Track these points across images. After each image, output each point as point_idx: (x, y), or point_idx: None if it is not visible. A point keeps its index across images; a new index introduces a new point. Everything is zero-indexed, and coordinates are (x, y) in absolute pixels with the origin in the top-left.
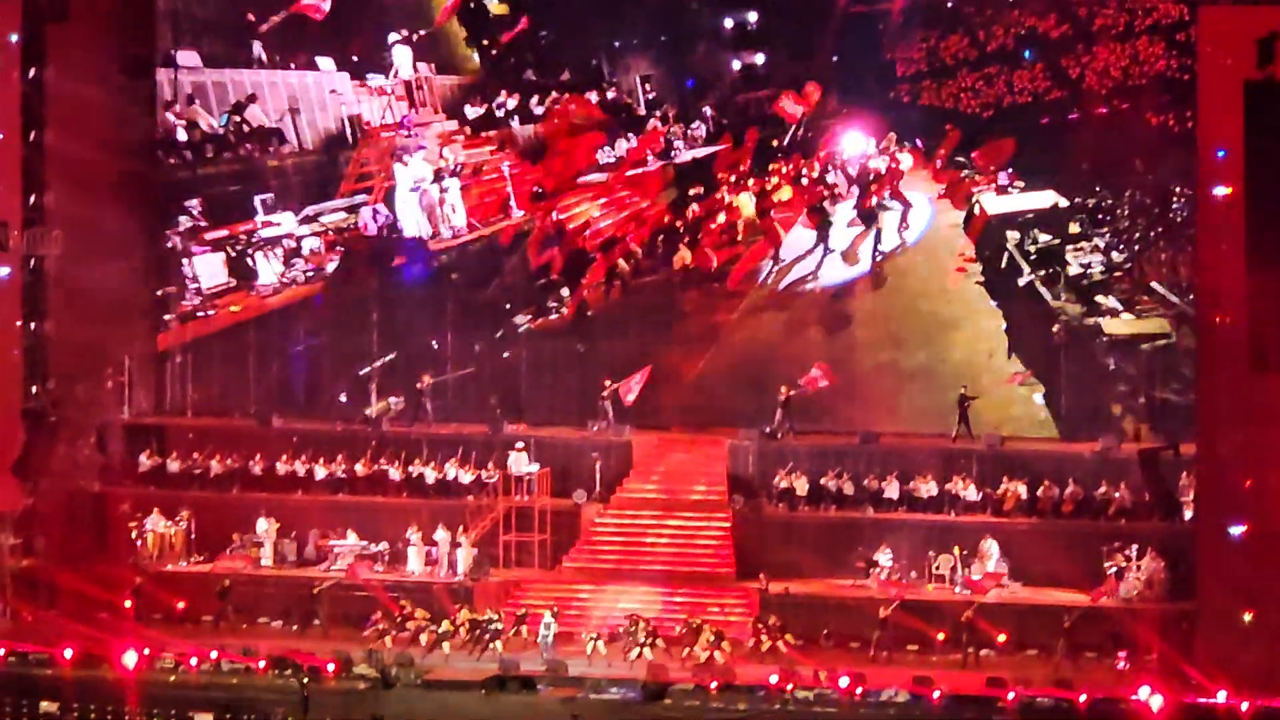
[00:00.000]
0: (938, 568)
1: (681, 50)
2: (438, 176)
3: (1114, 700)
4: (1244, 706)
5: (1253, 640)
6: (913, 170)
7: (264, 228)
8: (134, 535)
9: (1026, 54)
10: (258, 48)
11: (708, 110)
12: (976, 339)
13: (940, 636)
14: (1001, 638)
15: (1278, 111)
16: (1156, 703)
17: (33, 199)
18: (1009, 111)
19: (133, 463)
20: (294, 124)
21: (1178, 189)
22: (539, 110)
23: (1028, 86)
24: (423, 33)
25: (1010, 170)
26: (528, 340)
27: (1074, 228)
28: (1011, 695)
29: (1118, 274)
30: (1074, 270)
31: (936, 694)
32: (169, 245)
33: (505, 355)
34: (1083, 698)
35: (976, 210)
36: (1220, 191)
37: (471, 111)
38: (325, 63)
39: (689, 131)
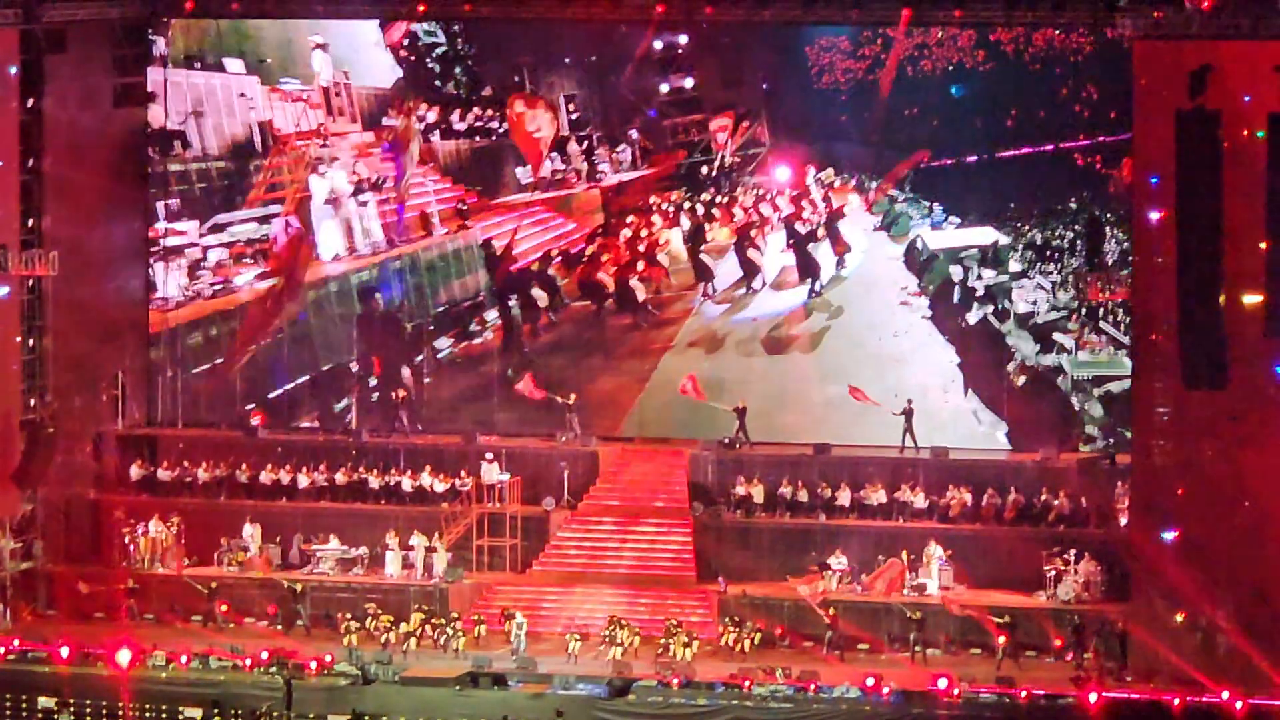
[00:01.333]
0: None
1: (608, 71)
2: (358, 190)
3: (1053, 696)
4: (1175, 702)
5: (1183, 640)
6: (845, 200)
7: (166, 235)
8: (127, 540)
9: (954, 90)
10: (160, 45)
11: (634, 134)
12: (928, 374)
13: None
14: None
15: (1207, 139)
16: (1092, 698)
17: (31, 222)
18: (941, 142)
19: (126, 471)
20: (198, 128)
21: (1111, 226)
22: (460, 126)
23: (956, 120)
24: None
25: (944, 206)
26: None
27: (1014, 265)
28: (956, 691)
29: (1065, 312)
30: (1022, 308)
31: (886, 690)
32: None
33: (427, 380)
34: (1023, 694)
35: (919, 245)
36: (1154, 215)
37: (390, 123)
38: (234, 64)
39: (615, 154)
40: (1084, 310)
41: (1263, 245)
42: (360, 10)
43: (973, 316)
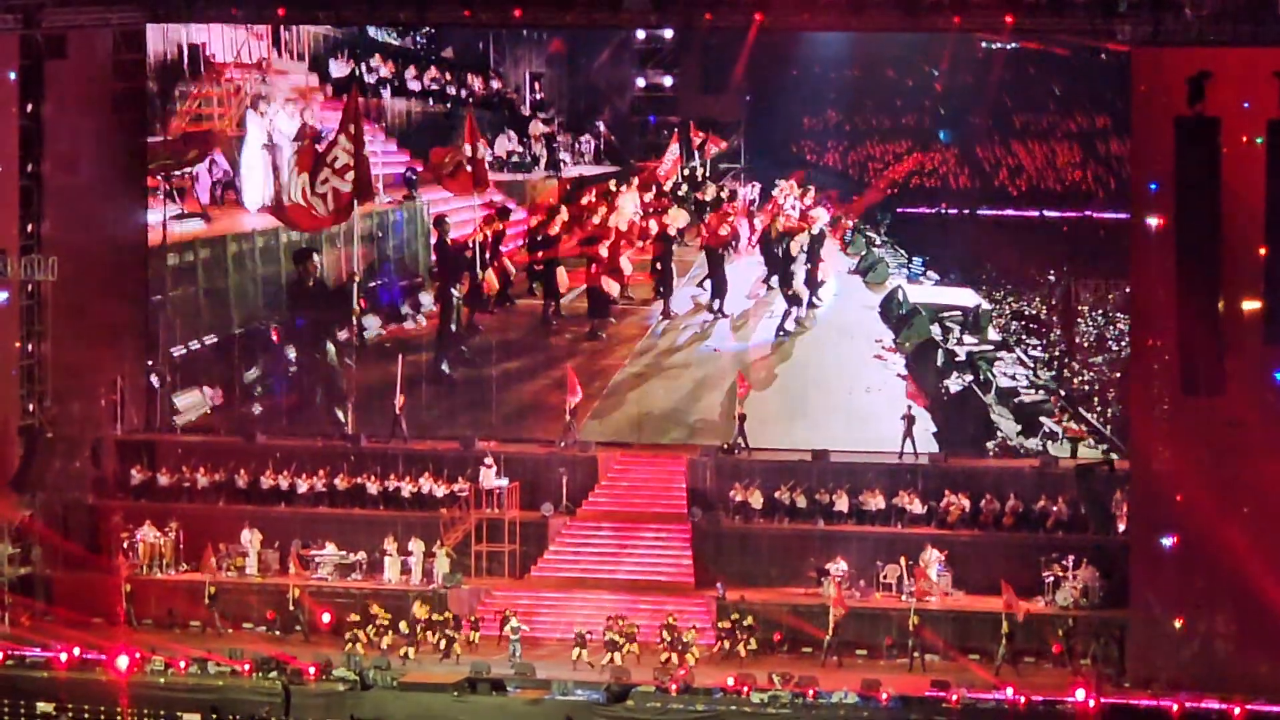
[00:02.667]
0: (885, 577)
1: (581, 54)
2: (300, 136)
3: (1051, 702)
4: (1174, 708)
5: (1181, 645)
6: (818, 220)
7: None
8: (125, 545)
9: (942, 135)
10: None
11: (600, 125)
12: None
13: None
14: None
15: (1206, 146)
16: (1091, 704)
17: (30, 227)
18: (915, 192)
19: (124, 477)
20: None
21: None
22: (414, 85)
23: (939, 169)
24: None
25: (923, 260)
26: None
27: (993, 333)
28: (955, 697)
29: (1046, 395)
30: (1004, 382)
31: (884, 696)
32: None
33: (348, 362)
34: (1022, 699)
35: (899, 296)
36: (1152, 222)
37: (337, 69)
38: None
39: (578, 145)
40: (1064, 395)
41: (1262, 251)
42: (359, 15)
43: (954, 384)
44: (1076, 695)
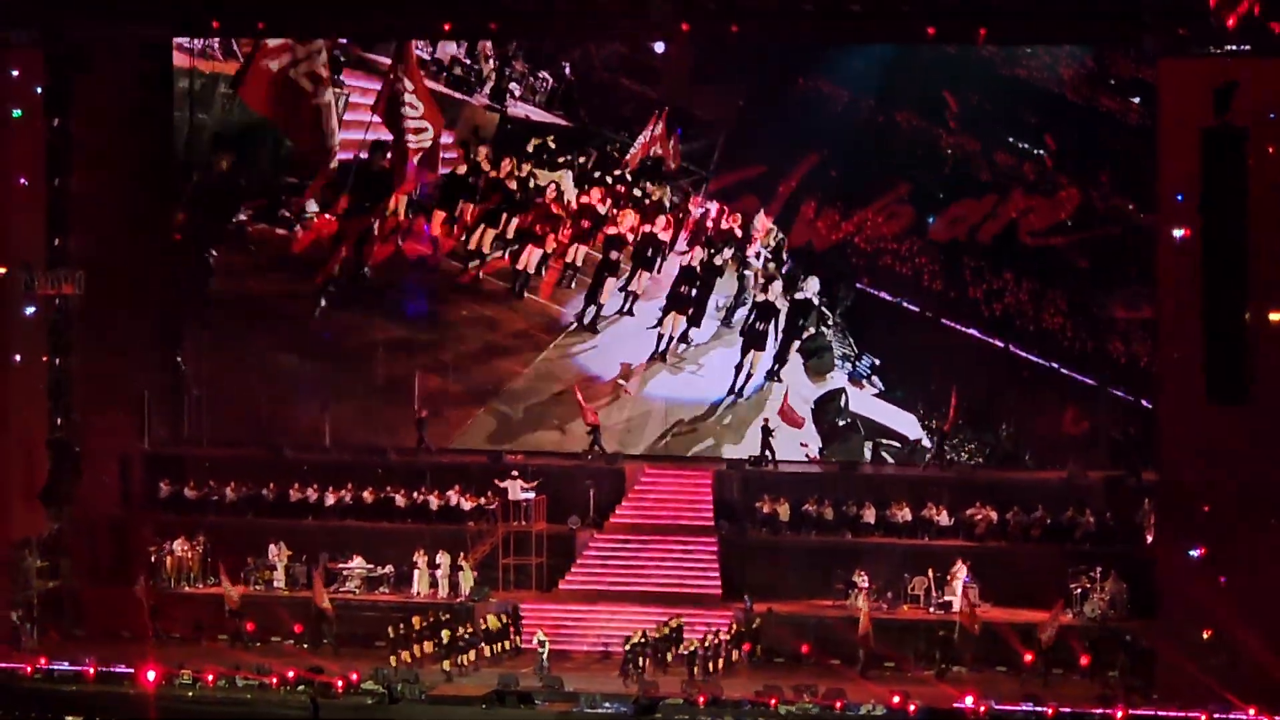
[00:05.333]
0: (913, 589)
1: None
2: None
3: (1079, 713)
4: (1201, 719)
5: (1209, 656)
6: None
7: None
8: (153, 559)
9: (930, 220)
10: None
11: (566, 69)
12: None
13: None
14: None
15: (1233, 156)
16: (1119, 715)
17: (57, 241)
18: (882, 272)
19: (152, 490)
20: None
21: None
22: None
23: (916, 258)
24: None
25: (869, 363)
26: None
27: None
28: (983, 709)
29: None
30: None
31: (912, 708)
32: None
33: (213, 254)
34: (1049, 711)
35: (841, 402)
36: (1178, 233)
37: None
38: None
39: (533, 80)
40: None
41: None
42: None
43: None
44: (1105, 707)
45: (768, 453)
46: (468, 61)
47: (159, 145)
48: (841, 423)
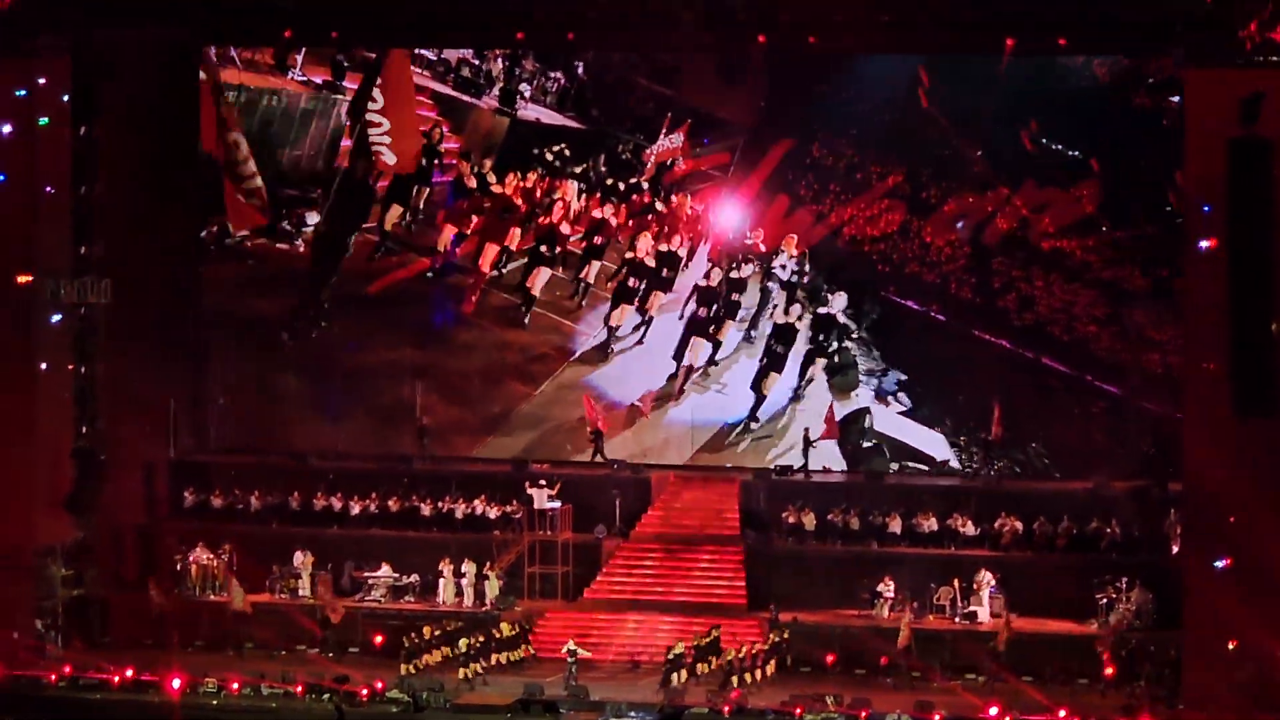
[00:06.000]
0: (938, 599)
1: None
2: None
3: None
4: None
5: (1236, 667)
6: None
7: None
8: (179, 567)
9: (959, 225)
10: None
11: (579, 67)
12: None
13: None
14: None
15: (1259, 167)
16: None
17: (83, 249)
18: (909, 281)
19: (177, 499)
20: None
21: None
22: None
23: (944, 264)
24: None
25: (897, 379)
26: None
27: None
28: (1008, 719)
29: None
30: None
31: (937, 718)
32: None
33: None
34: None
35: (866, 423)
36: (1205, 244)
37: None
38: None
39: (544, 80)
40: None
41: None
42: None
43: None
44: (1130, 718)
45: (805, 461)
46: (476, 62)
47: (184, 153)
48: (867, 444)
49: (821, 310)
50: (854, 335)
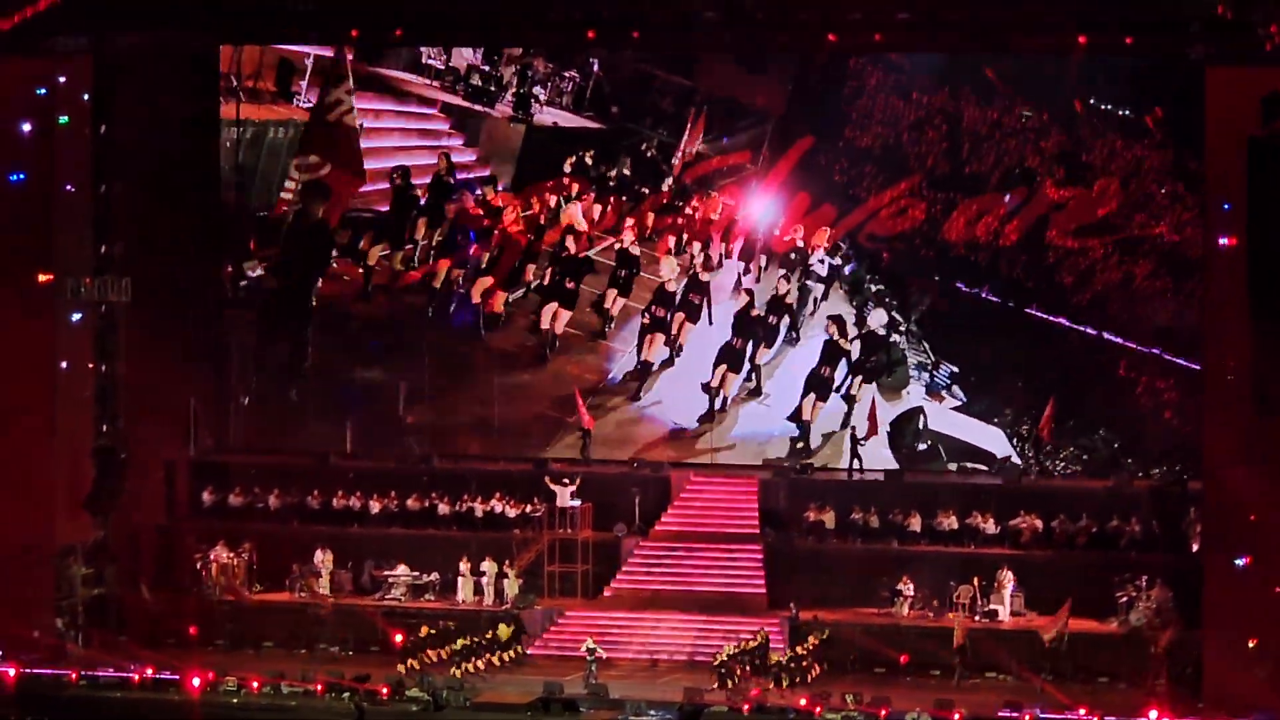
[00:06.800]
0: (958, 598)
1: None
2: None
3: None
4: None
5: (1256, 666)
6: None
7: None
8: (199, 566)
9: (1007, 199)
10: None
11: (594, 65)
12: None
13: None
14: None
15: (1278, 166)
16: None
17: (103, 248)
18: (956, 263)
19: (197, 498)
20: None
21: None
22: None
23: (994, 242)
24: None
25: (948, 371)
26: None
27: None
28: (1028, 717)
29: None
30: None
31: (957, 716)
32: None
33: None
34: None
35: (919, 423)
36: (1224, 242)
37: None
38: None
39: (557, 81)
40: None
41: None
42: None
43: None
44: (1150, 717)
45: (856, 462)
46: (486, 68)
47: (204, 153)
48: (921, 446)
49: (867, 327)
50: (902, 329)
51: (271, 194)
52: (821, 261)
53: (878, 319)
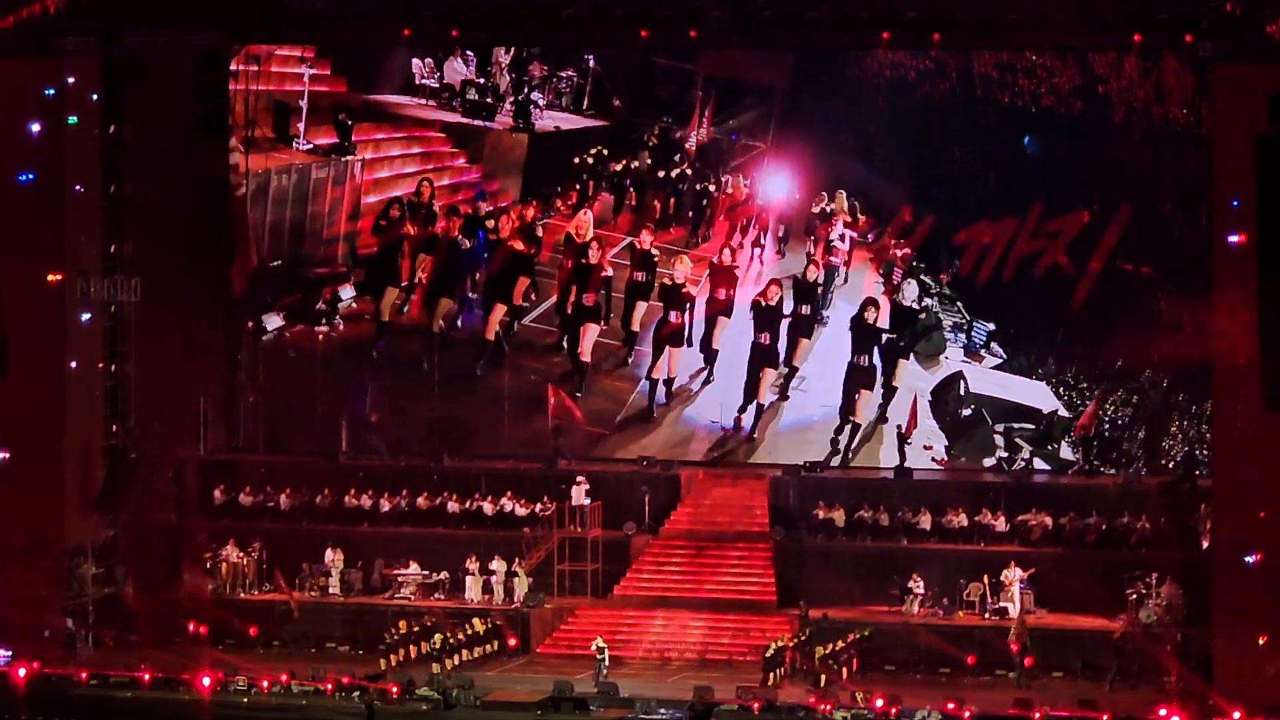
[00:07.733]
0: (968, 595)
1: None
2: None
3: None
4: None
5: (1266, 662)
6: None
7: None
8: (209, 565)
9: (1026, 141)
10: None
11: (590, 62)
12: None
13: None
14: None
15: None
16: None
17: (113, 248)
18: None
19: (207, 497)
20: None
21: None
22: None
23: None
24: None
25: (984, 329)
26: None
27: (1066, 452)
28: (1038, 715)
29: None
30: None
31: (967, 714)
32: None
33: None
34: (1105, 718)
35: (960, 388)
36: (1234, 239)
37: None
38: None
39: (556, 84)
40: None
41: None
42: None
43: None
44: (1160, 714)
45: (900, 460)
46: (481, 80)
47: (212, 153)
48: (965, 412)
49: (900, 301)
50: (934, 292)
51: (283, 245)
52: (842, 237)
53: (910, 292)
